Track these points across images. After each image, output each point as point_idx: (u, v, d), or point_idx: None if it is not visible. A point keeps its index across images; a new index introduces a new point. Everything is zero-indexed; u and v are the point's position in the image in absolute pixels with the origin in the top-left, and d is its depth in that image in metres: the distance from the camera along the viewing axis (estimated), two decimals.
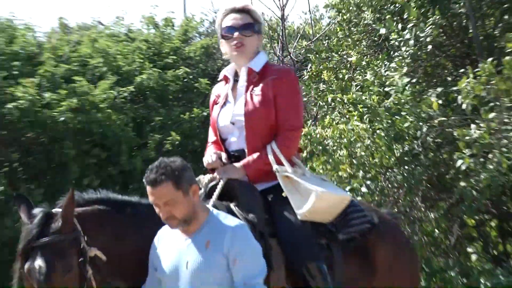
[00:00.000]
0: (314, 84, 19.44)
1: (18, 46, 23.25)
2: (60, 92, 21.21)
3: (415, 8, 17.82)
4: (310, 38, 23.48)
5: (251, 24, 8.15)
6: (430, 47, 17.70)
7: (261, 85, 8.01)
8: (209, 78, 24.12)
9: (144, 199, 7.47)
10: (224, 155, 7.95)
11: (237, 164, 7.81)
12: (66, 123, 21.17)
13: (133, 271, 7.13)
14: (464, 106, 16.28)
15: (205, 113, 22.85)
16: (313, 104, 20.33)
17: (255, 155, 7.83)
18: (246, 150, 7.96)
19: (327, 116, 18.47)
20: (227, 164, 7.84)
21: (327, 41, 20.15)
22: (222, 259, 6.62)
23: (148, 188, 6.79)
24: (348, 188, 17.24)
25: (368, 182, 16.93)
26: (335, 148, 17.51)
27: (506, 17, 17.85)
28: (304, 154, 18.28)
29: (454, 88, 16.79)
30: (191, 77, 23.07)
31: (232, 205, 7.25)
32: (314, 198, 7.51)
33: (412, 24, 17.81)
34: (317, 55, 20.34)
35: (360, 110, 17.38)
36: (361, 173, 17.10)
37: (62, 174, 20.98)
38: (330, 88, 18.65)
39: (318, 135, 17.99)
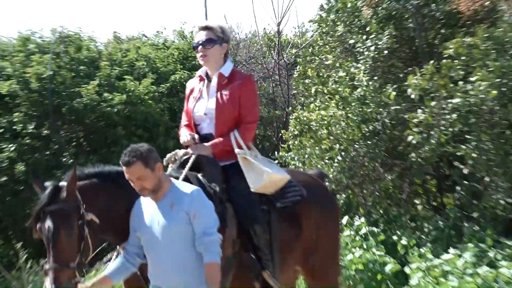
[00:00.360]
0: (302, 80, 19.51)
1: (83, 54, 23.54)
2: (114, 92, 21.68)
3: (375, 24, 18.04)
4: (298, 46, 23.47)
5: (211, 39, 8.27)
6: (386, 52, 17.93)
7: (229, 87, 8.19)
8: None
9: None
10: (196, 136, 8.14)
11: (206, 144, 8.02)
12: (118, 112, 21.46)
13: (122, 229, 7.30)
14: (412, 96, 16.56)
15: None
16: (301, 95, 20.37)
17: (221, 139, 8.07)
18: (214, 135, 8.16)
19: (312, 104, 18.60)
20: (198, 143, 8.04)
21: (310, 48, 20.19)
22: (184, 216, 6.86)
23: (124, 168, 7.05)
24: (327, 156, 17.53)
25: (342, 153, 17.15)
26: (318, 127, 17.67)
27: (442, 30, 18.10)
28: (296, 132, 18.47)
29: (405, 83, 17.01)
30: None
31: (199, 175, 7.40)
32: (266, 177, 7.88)
33: (373, 35, 18.04)
34: (304, 59, 20.49)
35: (336, 99, 17.59)
36: (337, 146, 17.31)
37: (115, 148, 21.28)
38: (313, 82, 18.76)
39: (305, 118, 18.18)
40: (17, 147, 20.57)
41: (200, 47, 8.34)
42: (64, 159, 20.39)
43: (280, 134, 19.57)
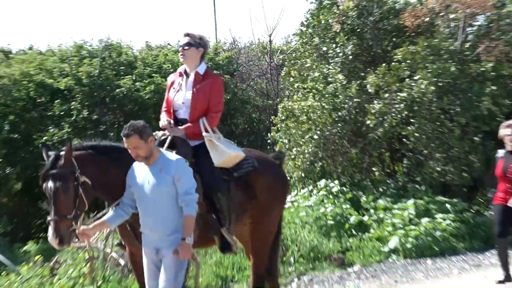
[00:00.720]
0: (287, 78, 19.47)
1: (123, 58, 23.60)
2: (145, 82, 21.55)
3: (342, 35, 18.12)
4: (285, 52, 23.40)
5: (190, 43, 8.22)
6: (350, 57, 18.07)
7: (203, 83, 8.13)
8: (231, 76, 24.23)
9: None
10: (172, 122, 8.08)
11: (180, 127, 7.99)
12: (148, 100, 21.50)
13: (114, 190, 7.29)
14: (370, 90, 16.70)
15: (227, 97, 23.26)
16: (287, 89, 20.35)
17: (193, 124, 8.03)
18: (188, 120, 8.10)
19: (294, 96, 18.60)
20: (174, 127, 7.94)
21: (294, 54, 20.17)
22: (170, 178, 6.90)
23: (124, 139, 7.05)
24: (307, 136, 17.62)
25: (318, 132, 17.18)
26: (299, 114, 17.67)
27: (394, 39, 18.18)
28: (283, 118, 18.48)
29: (365, 81, 17.13)
30: (220, 76, 23.05)
31: (174, 152, 7.43)
32: (225, 156, 7.93)
33: (341, 44, 18.14)
34: (288, 62, 20.52)
35: (313, 93, 17.63)
36: (314, 128, 17.33)
37: None
38: (296, 80, 18.74)
39: (290, 107, 18.19)
40: (73, 128, 20.71)
41: (181, 48, 8.36)
42: (109, 137, 20.26)
43: (271, 119, 19.54)
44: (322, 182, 17.03)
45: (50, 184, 6.85)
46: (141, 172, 7.15)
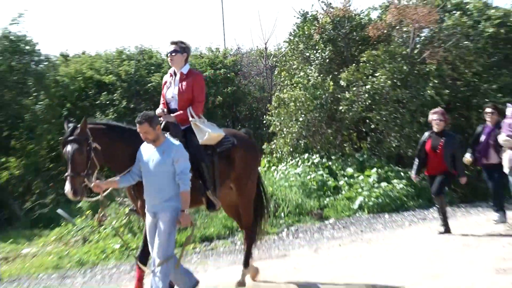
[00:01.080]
0: (279, 76, 19.31)
1: (153, 60, 23.48)
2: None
3: (321, 43, 18.01)
4: (277, 56, 23.26)
5: (175, 49, 8.03)
6: (327, 60, 17.94)
7: (186, 80, 7.98)
8: (235, 74, 24.12)
9: (132, 127, 7.58)
10: (166, 110, 7.98)
11: (172, 115, 7.85)
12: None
13: (119, 160, 7.25)
14: (342, 84, 16.61)
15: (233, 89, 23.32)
16: (278, 84, 20.19)
17: (181, 112, 7.89)
18: (177, 109, 7.93)
19: (284, 89, 18.47)
20: (167, 114, 7.79)
21: (284, 57, 19.99)
22: (170, 160, 6.85)
23: (137, 125, 6.97)
24: (294, 119, 17.52)
25: (303, 116, 17.07)
26: (288, 102, 17.57)
27: (360, 46, 18.07)
28: (275, 105, 18.36)
29: (339, 76, 17.05)
30: (228, 74, 23.06)
31: (167, 134, 7.30)
32: (207, 135, 7.75)
33: (320, 49, 18.02)
34: (280, 64, 20.36)
35: (299, 86, 17.53)
36: (299, 113, 17.24)
37: None
38: (285, 77, 18.63)
39: (281, 96, 18.09)
40: (115, 114, 20.64)
41: (169, 54, 8.15)
42: None
43: (267, 107, 19.39)
44: (305, 156, 16.99)
45: (68, 147, 6.84)
46: (148, 151, 7.09)
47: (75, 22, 59.96)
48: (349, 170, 16.19)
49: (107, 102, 21.76)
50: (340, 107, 16.93)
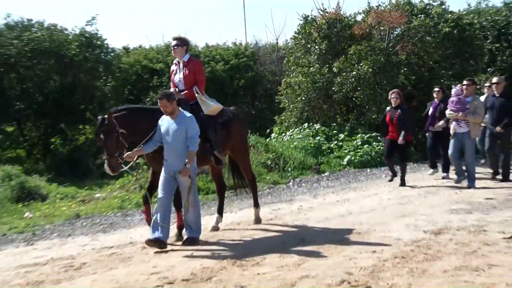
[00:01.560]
0: (287, 64, 19.16)
1: (191, 51, 22.93)
2: (205, 67, 21.08)
3: (319, 39, 17.80)
4: (285, 49, 22.91)
5: (177, 44, 7.67)
6: (324, 51, 17.71)
7: (188, 66, 7.62)
8: (254, 62, 24.06)
9: (154, 106, 7.46)
10: (176, 90, 7.61)
11: (181, 93, 7.52)
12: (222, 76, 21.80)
13: (142, 133, 6.99)
14: (335, 71, 16.48)
15: (252, 74, 23.18)
16: (287, 71, 19.97)
17: (188, 91, 7.56)
18: (184, 89, 7.58)
19: (291, 74, 18.29)
20: (178, 93, 7.38)
21: (291, 50, 19.72)
22: (184, 128, 6.69)
23: (158, 101, 6.82)
24: (298, 98, 17.47)
25: (305, 95, 16.99)
26: (294, 85, 17.49)
27: (348, 42, 17.77)
28: (284, 87, 18.28)
29: (333, 65, 16.90)
30: (248, 63, 23.01)
31: (180, 108, 7.18)
32: (210, 107, 7.51)
33: (318, 44, 17.84)
34: (287, 55, 20.11)
35: (302, 72, 17.42)
36: (303, 93, 17.14)
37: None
38: (292, 65, 18.47)
39: (288, 80, 18.02)
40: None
41: (172, 47, 7.81)
42: None
43: (278, 88, 19.26)
44: (306, 125, 16.88)
45: (101, 136, 6.70)
46: (167, 122, 6.94)
47: (135, 21, 59.64)
48: (340, 136, 16.08)
49: (158, 84, 21.59)
50: (333, 88, 16.75)
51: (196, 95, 7.72)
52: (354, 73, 16.48)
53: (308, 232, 7.40)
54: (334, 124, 17.05)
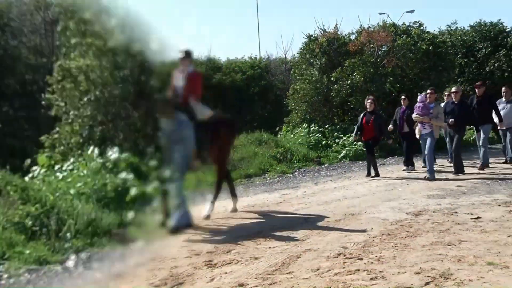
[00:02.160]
0: (295, 73, 18.97)
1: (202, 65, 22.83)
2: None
3: (320, 54, 17.61)
4: (292, 62, 22.75)
5: (183, 57, 7.19)
6: (324, 65, 17.54)
7: (189, 77, 7.10)
8: (266, 73, 23.80)
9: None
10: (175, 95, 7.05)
11: (178, 98, 6.95)
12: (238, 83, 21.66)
13: None
14: (333, 79, 16.26)
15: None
16: (293, 80, 19.79)
17: (185, 98, 6.98)
18: (183, 96, 7.01)
19: (297, 83, 17.96)
20: (176, 98, 7.25)
21: (297, 63, 19.55)
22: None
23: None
24: (302, 101, 17.25)
25: (308, 100, 16.80)
26: (300, 91, 17.33)
27: (344, 56, 17.48)
28: (292, 92, 18.18)
29: (331, 75, 16.77)
30: (262, 73, 23.02)
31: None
32: (205, 115, 6.99)
33: (319, 58, 17.69)
34: (293, 67, 19.97)
35: (307, 81, 17.28)
36: (306, 98, 16.97)
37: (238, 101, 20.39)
38: (297, 74, 18.35)
39: (295, 87, 17.87)
40: None
41: (179, 59, 7.28)
42: None
43: (286, 93, 19.04)
44: (307, 124, 16.70)
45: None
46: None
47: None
48: (337, 134, 15.97)
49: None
50: (332, 94, 16.59)
51: (192, 103, 7.31)
52: (349, 81, 16.31)
53: (311, 213, 7.40)
54: (332, 124, 16.91)
